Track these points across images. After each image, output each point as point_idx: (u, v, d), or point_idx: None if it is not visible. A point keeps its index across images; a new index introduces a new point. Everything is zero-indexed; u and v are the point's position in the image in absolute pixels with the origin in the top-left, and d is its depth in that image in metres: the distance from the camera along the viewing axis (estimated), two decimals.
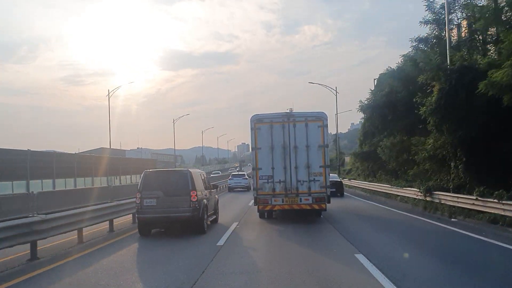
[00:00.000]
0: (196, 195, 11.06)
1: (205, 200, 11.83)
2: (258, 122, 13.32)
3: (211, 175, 45.15)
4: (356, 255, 8.11)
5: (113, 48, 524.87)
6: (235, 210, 17.65)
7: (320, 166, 13.03)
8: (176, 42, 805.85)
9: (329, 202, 13.27)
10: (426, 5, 19.54)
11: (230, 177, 34.85)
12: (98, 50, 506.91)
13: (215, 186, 14.50)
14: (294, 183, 13.01)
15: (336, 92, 41.59)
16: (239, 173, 37.81)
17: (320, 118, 13.26)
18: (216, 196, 14.74)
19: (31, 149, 23.84)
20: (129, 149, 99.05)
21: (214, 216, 13.53)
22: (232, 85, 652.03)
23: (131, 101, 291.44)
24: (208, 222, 12.23)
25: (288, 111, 13.94)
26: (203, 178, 12.94)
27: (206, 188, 12.57)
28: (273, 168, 13.09)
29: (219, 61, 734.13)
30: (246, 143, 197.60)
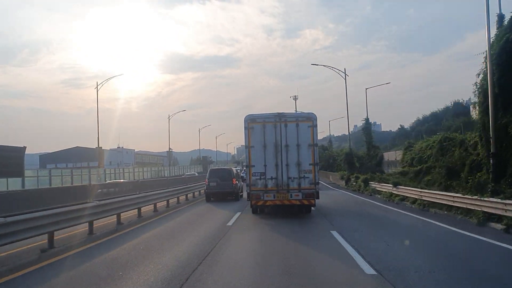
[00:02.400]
0: (236, 181, 22.31)
1: (238, 184, 23.06)
2: (252, 122, 13.99)
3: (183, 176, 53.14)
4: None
5: (114, 52, 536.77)
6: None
7: (310, 164, 13.68)
8: (177, 46, 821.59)
9: (318, 197, 13.93)
10: None
11: (242, 172, 47.66)
12: (99, 53, 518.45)
13: (242, 177, 25.79)
14: (285, 179, 13.75)
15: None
16: None
17: (310, 119, 13.89)
18: (242, 183, 25.95)
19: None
20: (108, 148, 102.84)
21: (242, 193, 24.69)
22: (233, 88, 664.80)
23: (131, 104, 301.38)
24: (240, 195, 23.42)
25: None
26: (236, 173, 24.06)
27: (238, 178, 23.76)
28: (265, 166, 13.83)
29: (220, 64, 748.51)
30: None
